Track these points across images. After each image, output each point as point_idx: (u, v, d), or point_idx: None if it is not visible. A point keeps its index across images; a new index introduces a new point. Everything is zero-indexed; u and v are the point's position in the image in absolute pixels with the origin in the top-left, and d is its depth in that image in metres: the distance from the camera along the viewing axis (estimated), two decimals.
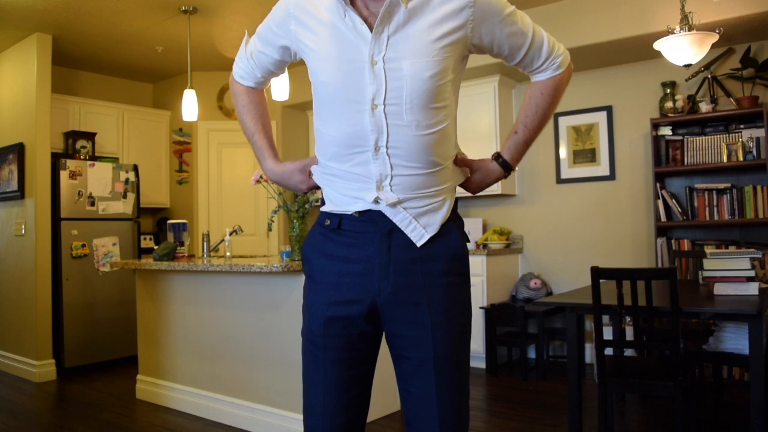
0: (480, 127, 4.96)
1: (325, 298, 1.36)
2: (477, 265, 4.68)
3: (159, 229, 6.04)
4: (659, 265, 4.23)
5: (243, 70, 1.52)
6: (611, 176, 4.73)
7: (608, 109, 4.75)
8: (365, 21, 1.25)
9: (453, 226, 1.38)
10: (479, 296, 4.67)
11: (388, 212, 1.31)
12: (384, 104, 1.25)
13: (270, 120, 1.58)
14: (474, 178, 1.46)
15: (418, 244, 1.32)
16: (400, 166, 1.29)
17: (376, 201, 1.30)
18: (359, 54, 1.25)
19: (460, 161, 1.42)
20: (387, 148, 1.27)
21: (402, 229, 1.31)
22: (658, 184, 4.29)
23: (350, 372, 1.36)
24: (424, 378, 1.33)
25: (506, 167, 1.46)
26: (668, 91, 4.36)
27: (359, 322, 1.35)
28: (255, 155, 1.57)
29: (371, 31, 1.24)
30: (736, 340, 2.90)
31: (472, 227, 5.20)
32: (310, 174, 1.45)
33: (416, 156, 1.29)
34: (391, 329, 1.36)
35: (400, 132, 1.27)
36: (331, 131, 1.33)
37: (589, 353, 4.52)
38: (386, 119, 1.26)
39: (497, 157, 1.46)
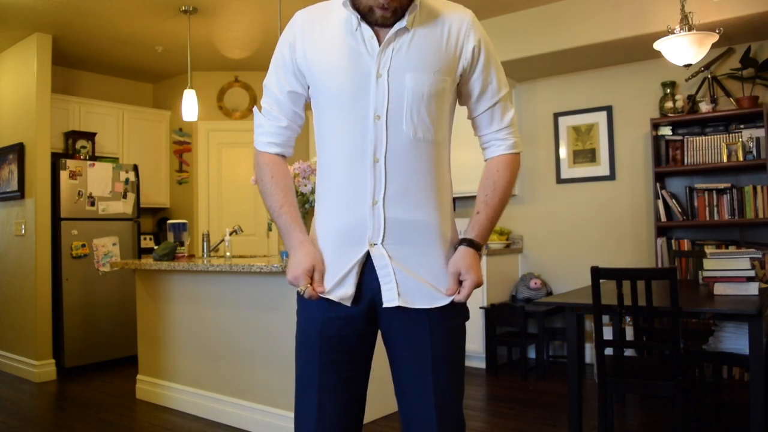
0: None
1: (323, 299, 1.36)
2: None
3: (159, 229, 6.04)
4: (659, 265, 4.23)
5: (264, 132, 1.45)
6: (611, 176, 4.73)
7: (608, 109, 4.75)
8: (376, 34, 1.31)
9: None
10: (479, 296, 4.67)
11: (377, 261, 1.32)
12: (386, 115, 1.30)
13: (295, 195, 1.46)
14: (467, 275, 1.35)
15: (387, 304, 1.32)
16: (395, 178, 1.31)
17: (372, 244, 1.32)
18: (365, 66, 1.30)
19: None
20: (385, 159, 1.31)
21: (381, 283, 1.33)
22: (658, 184, 4.29)
23: (346, 373, 1.37)
24: (421, 376, 1.34)
25: (474, 245, 1.36)
26: (668, 91, 4.36)
27: (357, 322, 1.35)
28: (279, 228, 1.43)
29: (380, 43, 1.30)
30: (736, 340, 2.90)
31: None
32: (310, 275, 1.34)
33: (412, 166, 1.32)
34: (389, 327, 1.37)
35: (399, 143, 1.31)
36: (332, 141, 1.36)
37: (589, 353, 4.51)
38: (387, 130, 1.30)
39: (461, 241, 1.38)
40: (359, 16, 1.29)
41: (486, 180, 1.43)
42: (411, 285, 1.33)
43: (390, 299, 1.32)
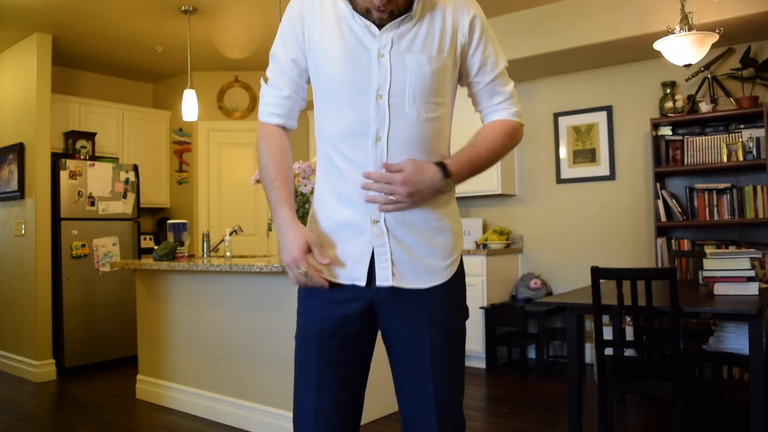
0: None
1: (322, 297, 1.36)
2: (477, 265, 4.67)
3: (159, 229, 6.04)
4: (659, 265, 4.23)
5: (268, 102, 1.44)
6: (611, 176, 4.73)
7: (608, 109, 4.75)
8: (373, 21, 1.31)
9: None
10: (479, 296, 4.67)
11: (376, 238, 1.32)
12: (388, 95, 1.31)
13: (292, 172, 1.46)
14: (407, 164, 1.29)
15: (381, 283, 1.33)
16: (397, 158, 1.31)
17: (374, 222, 1.32)
18: (366, 48, 1.31)
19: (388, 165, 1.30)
20: (387, 138, 1.31)
21: (379, 261, 1.33)
22: (658, 184, 4.29)
23: (345, 372, 1.37)
24: (420, 375, 1.34)
25: (443, 168, 1.31)
26: (668, 91, 4.36)
27: (355, 321, 1.35)
28: (269, 203, 1.41)
29: (380, 29, 1.31)
30: (736, 340, 2.90)
31: (472, 227, 5.20)
32: (306, 253, 1.30)
33: (414, 145, 1.33)
34: (388, 326, 1.38)
35: (401, 122, 1.32)
36: (334, 122, 1.36)
37: (589, 353, 4.52)
38: (389, 110, 1.31)
39: (435, 163, 1.33)
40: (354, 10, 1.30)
41: (479, 132, 1.42)
42: (407, 265, 1.33)
43: (383, 278, 1.33)
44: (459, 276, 1.41)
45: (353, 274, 1.34)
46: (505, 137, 1.41)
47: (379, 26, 1.31)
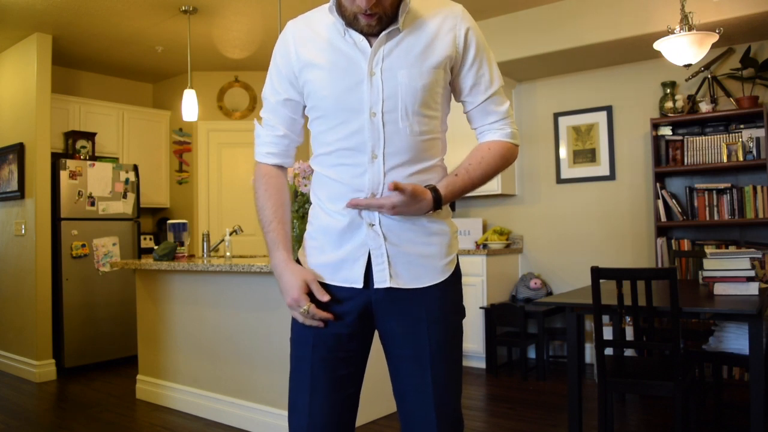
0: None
1: (319, 300, 1.36)
2: (477, 265, 4.67)
3: (159, 229, 6.04)
4: (659, 265, 4.23)
5: (262, 143, 1.46)
6: (611, 176, 4.73)
7: (608, 109, 4.75)
8: (364, 36, 1.31)
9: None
10: (479, 296, 4.67)
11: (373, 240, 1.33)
12: (382, 112, 1.31)
13: (290, 211, 1.48)
14: (405, 193, 1.29)
15: (378, 285, 1.34)
16: (393, 174, 1.32)
17: (369, 225, 1.33)
18: (358, 67, 1.31)
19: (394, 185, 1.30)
20: (384, 155, 1.31)
21: (376, 264, 1.34)
22: (658, 184, 4.29)
23: (339, 372, 1.37)
24: (419, 375, 1.34)
25: (437, 200, 1.32)
26: (668, 91, 4.36)
27: (351, 321, 1.36)
28: (266, 244, 1.43)
29: (370, 45, 1.31)
30: (736, 340, 2.90)
31: (472, 227, 5.20)
32: (306, 292, 1.33)
33: (409, 158, 1.33)
34: (385, 327, 1.38)
35: (396, 138, 1.32)
36: (330, 137, 1.37)
37: (589, 353, 4.52)
38: (383, 127, 1.31)
39: (432, 189, 1.33)
40: (344, 23, 1.30)
41: (474, 152, 1.41)
42: (404, 266, 1.34)
43: (381, 280, 1.33)
44: (456, 275, 1.42)
45: (350, 277, 1.35)
46: (499, 160, 1.41)
47: (368, 34, 1.30)
